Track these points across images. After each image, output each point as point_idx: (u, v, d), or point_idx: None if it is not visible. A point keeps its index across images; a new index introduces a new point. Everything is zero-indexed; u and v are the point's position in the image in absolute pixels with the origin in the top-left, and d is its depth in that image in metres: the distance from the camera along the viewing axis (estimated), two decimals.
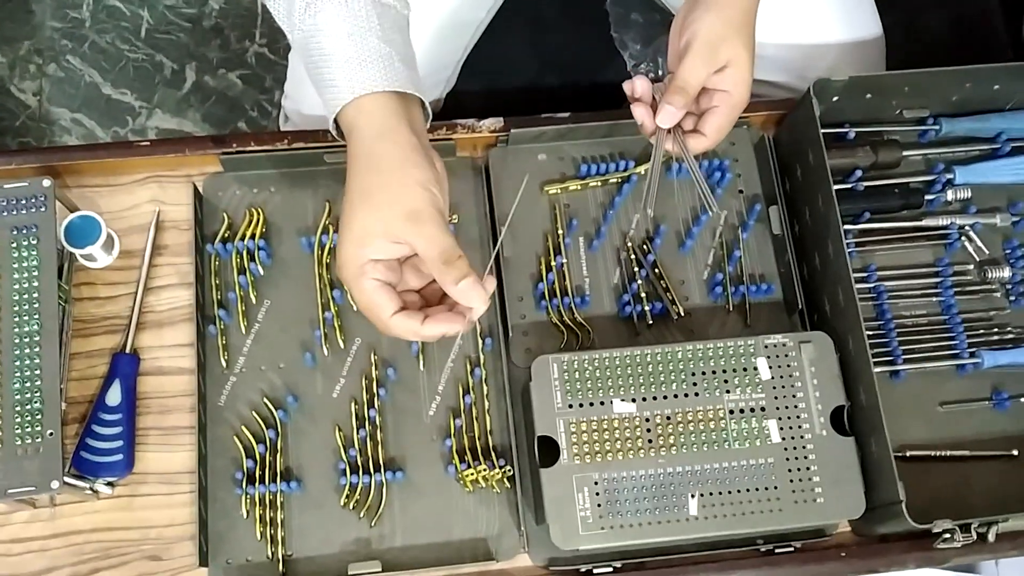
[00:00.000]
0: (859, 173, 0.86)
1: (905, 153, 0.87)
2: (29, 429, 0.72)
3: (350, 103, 0.66)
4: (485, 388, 0.80)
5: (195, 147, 0.84)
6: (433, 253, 0.64)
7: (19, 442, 0.72)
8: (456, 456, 0.78)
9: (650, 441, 0.74)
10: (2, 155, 0.83)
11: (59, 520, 0.77)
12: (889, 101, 0.86)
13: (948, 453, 0.81)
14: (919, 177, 0.88)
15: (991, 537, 0.73)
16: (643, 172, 0.87)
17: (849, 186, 0.86)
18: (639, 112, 0.75)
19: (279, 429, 0.78)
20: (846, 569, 0.77)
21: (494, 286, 0.67)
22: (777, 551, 0.77)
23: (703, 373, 0.76)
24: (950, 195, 0.88)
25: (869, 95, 0.84)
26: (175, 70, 1.51)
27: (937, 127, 0.88)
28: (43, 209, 0.77)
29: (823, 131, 0.79)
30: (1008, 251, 0.87)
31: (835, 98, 0.83)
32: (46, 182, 0.77)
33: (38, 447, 0.72)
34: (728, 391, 0.75)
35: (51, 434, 0.72)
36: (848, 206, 0.85)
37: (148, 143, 0.84)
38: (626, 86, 0.75)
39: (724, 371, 0.76)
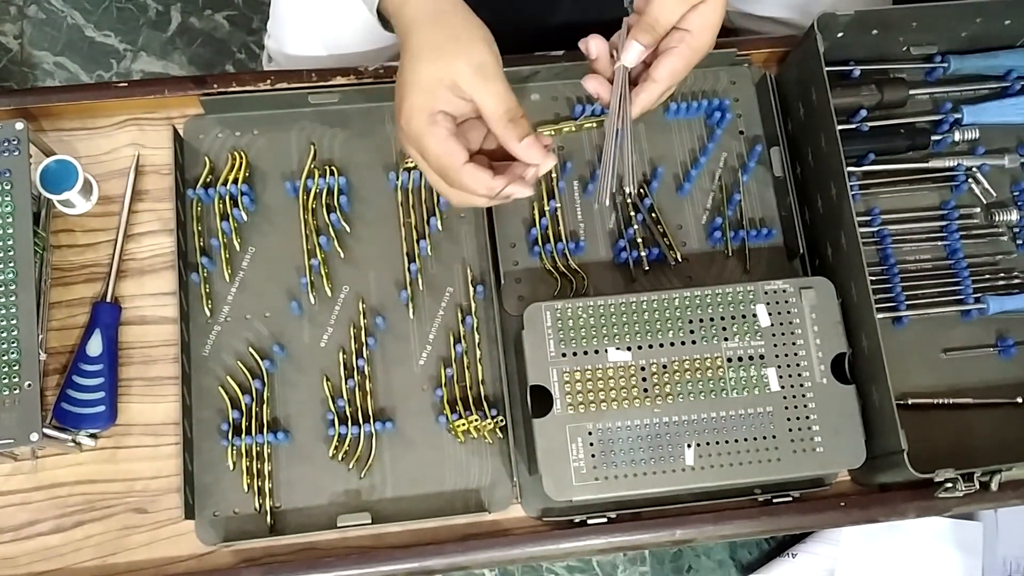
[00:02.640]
0: (864, 113, 0.83)
1: (912, 92, 0.84)
2: (6, 380, 0.70)
3: None
4: (477, 337, 0.78)
5: (175, 88, 0.81)
6: (500, 110, 0.64)
7: None
8: (447, 406, 0.76)
9: (646, 390, 0.72)
10: None
11: (41, 473, 0.75)
12: (896, 37, 0.83)
13: (951, 401, 0.79)
14: (925, 117, 0.85)
15: (994, 486, 0.72)
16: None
17: (853, 126, 0.83)
18: (592, 85, 0.68)
19: (265, 379, 0.76)
20: (846, 519, 0.76)
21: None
22: (775, 501, 0.75)
23: (701, 320, 0.74)
24: (957, 136, 0.85)
25: (875, 31, 0.81)
26: (160, 11, 1.46)
27: (945, 64, 0.85)
28: (16, 153, 0.74)
29: (827, 69, 0.75)
30: (1016, 194, 0.85)
31: (840, 34, 0.79)
32: (19, 125, 0.74)
33: (16, 399, 0.70)
34: (727, 339, 0.73)
35: (29, 385, 0.70)
36: (852, 147, 0.82)
37: (126, 84, 0.81)
38: (582, 45, 0.68)
39: (723, 318, 0.74)
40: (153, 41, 1.46)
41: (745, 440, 0.72)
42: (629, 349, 0.73)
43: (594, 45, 0.67)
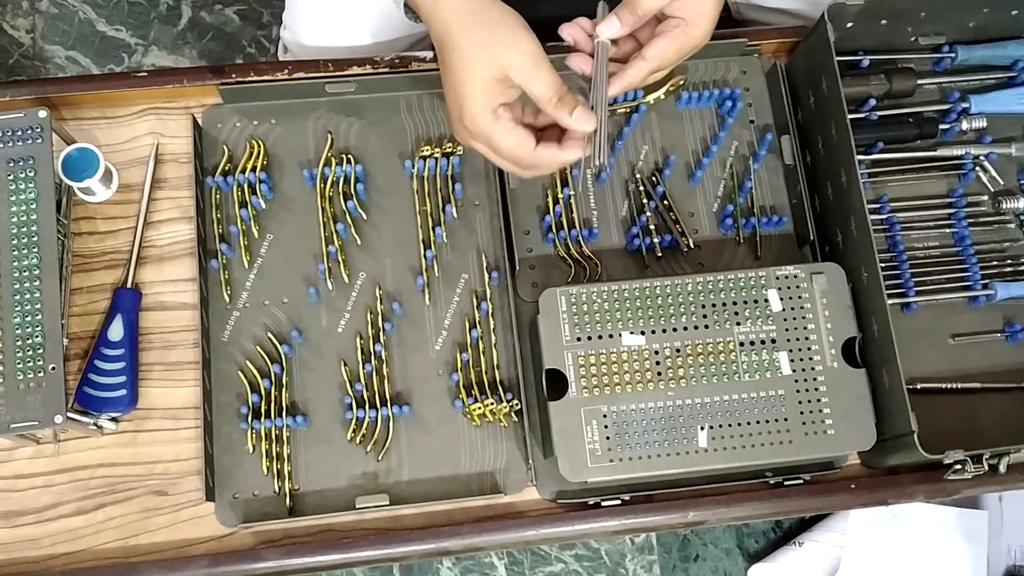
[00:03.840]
0: (872, 102, 0.84)
1: (920, 81, 0.85)
2: (31, 364, 0.71)
3: None
4: (492, 322, 0.79)
5: (193, 78, 0.83)
6: (550, 93, 0.67)
7: (21, 377, 0.71)
8: (463, 390, 0.78)
9: (659, 374, 0.73)
10: None
11: (63, 456, 0.76)
12: (904, 27, 0.84)
13: (959, 386, 0.80)
14: (934, 106, 0.86)
15: (1002, 468, 0.73)
16: (647, 101, 0.85)
17: (862, 115, 0.84)
18: (575, 62, 0.71)
19: (284, 364, 0.78)
20: (855, 501, 0.77)
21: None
22: (786, 484, 0.76)
23: (713, 305, 0.75)
24: (965, 124, 0.86)
25: (884, 21, 0.82)
26: (170, 5, 1.47)
27: (953, 55, 0.86)
28: (39, 140, 0.75)
29: (836, 59, 0.77)
30: (1023, 181, 0.86)
31: (849, 24, 0.80)
32: (42, 113, 0.76)
33: (40, 382, 0.71)
34: (739, 323, 0.74)
35: (53, 368, 0.71)
36: (861, 136, 0.83)
37: (145, 73, 0.83)
38: (563, 32, 0.71)
39: (735, 303, 0.75)
40: (164, 35, 1.47)
41: (757, 423, 0.73)
42: (643, 333, 0.74)
43: (567, 33, 0.71)
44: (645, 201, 0.82)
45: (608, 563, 1.28)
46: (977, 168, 0.85)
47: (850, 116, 0.76)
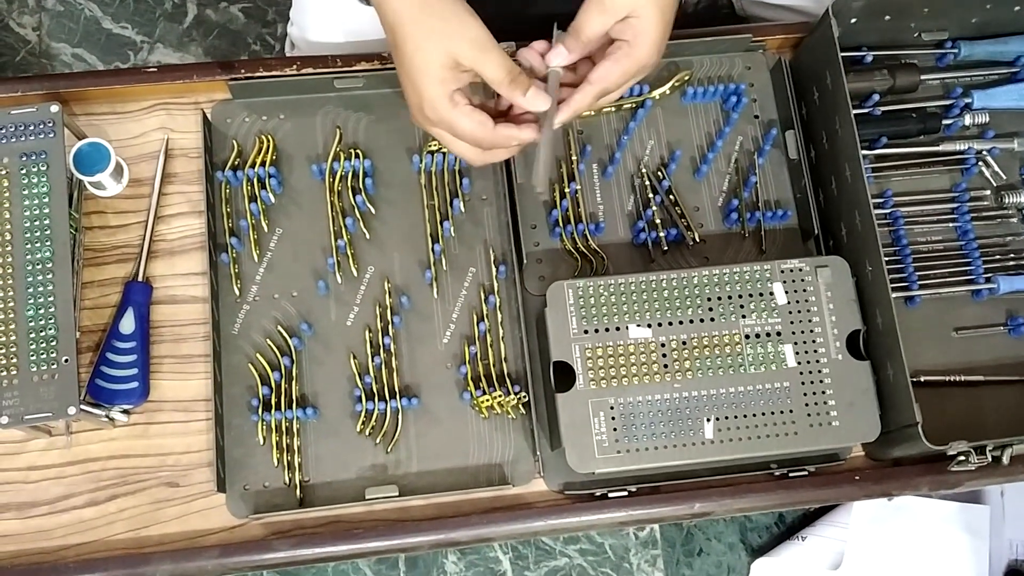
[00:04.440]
0: (876, 97, 0.85)
1: (923, 77, 0.86)
2: (44, 356, 0.72)
3: None
4: (499, 316, 0.80)
5: (203, 73, 0.83)
6: (501, 75, 0.68)
7: (35, 368, 0.71)
8: (471, 383, 0.78)
9: (666, 366, 0.74)
10: (7, 82, 0.82)
11: (75, 448, 0.77)
12: (907, 23, 0.85)
13: (962, 378, 0.81)
14: (937, 101, 0.87)
15: (1005, 459, 0.73)
16: (653, 96, 0.86)
17: (866, 111, 0.85)
18: (526, 56, 0.72)
19: (293, 356, 0.78)
20: (860, 493, 0.77)
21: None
22: (791, 475, 0.77)
23: (719, 298, 0.75)
24: (968, 120, 0.87)
25: (888, 17, 0.82)
26: (176, 3, 1.48)
27: (956, 50, 0.87)
28: (52, 135, 0.76)
29: (840, 55, 0.77)
30: None
31: (853, 20, 0.81)
32: (54, 107, 0.76)
33: (54, 373, 0.71)
34: (744, 316, 0.75)
35: (66, 360, 0.72)
36: (864, 131, 0.84)
37: (155, 69, 0.83)
38: (520, 57, 0.72)
39: (740, 296, 0.75)
40: (169, 33, 1.47)
41: (763, 414, 0.73)
42: (649, 326, 0.75)
43: (523, 58, 0.72)
44: (651, 196, 0.83)
45: (612, 557, 1.29)
46: (980, 163, 0.86)
47: (854, 111, 0.77)
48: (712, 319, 0.75)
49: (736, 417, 0.73)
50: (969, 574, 1.21)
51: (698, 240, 0.82)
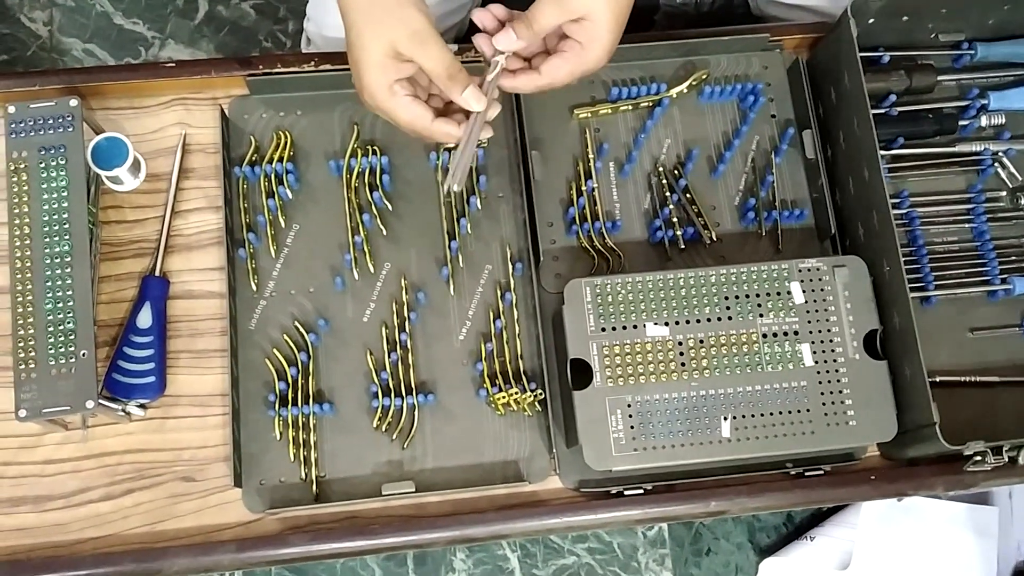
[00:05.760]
0: (893, 98, 0.85)
1: (939, 78, 0.86)
2: (63, 349, 0.72)
3: None
4: (516, 313, 0.80)
5: (221, 68, 0.83)
6: (439, 69, 0.69)
7: (53, 362, 0.72)
8: (487, 380, 0.78)
9: (683, 364, 0.74)
10: (25, 76, 0.82)
11: (92, 442, 0.77)
12: (924, 24, 0.85)
13: (977, 379, 0.81)
14: (953, 102, 0.87)
15: (1022, 460, 0.74)
16: (670, 95, 0.86)
17: (882, 111, 0.85)
18: (479, 42, 0.73)
19: (310, 352, 0.78)
20: (875, 492, 0.77)
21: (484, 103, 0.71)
22: (807, 474, 0.77)
23: (736, 297, 0.75)
24: (984, 121, 0.87)
25: (905, 17, 0.83)
26: None
27: (972, 52, 0.87)
28: (70, 129, 0.76)
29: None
30: None
31: (870, 20, 0.81)
32: (73, 101, 0.76)
33: (72, 367, 0.72)
34: (761, 315, 0.75)
35: (84, 354, 0.72)
36: (881, 131, 0.83)
37: (173, 64, 0.83)
38: (475, 16, 0.72)
39: (757, 295, 0.76)
40: (181, 29, 1.47)
41: (780, 413, 0.73)
42: (667, 324, 0.75)
43: (478, 18, 0.72)
44: (668, 194, 0.83)
45: (621, 556, 1.29)
46: (996, 164, 0.86)
47: (871, 111, 0.77)
48: (729, 318, 0.75)
49: (753, 416, 0.73)
50: (977, 575, 1.21)
51: (715, 239, 0.82)
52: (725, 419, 0.73)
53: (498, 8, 0.72)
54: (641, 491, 0.76)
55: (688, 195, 0.83)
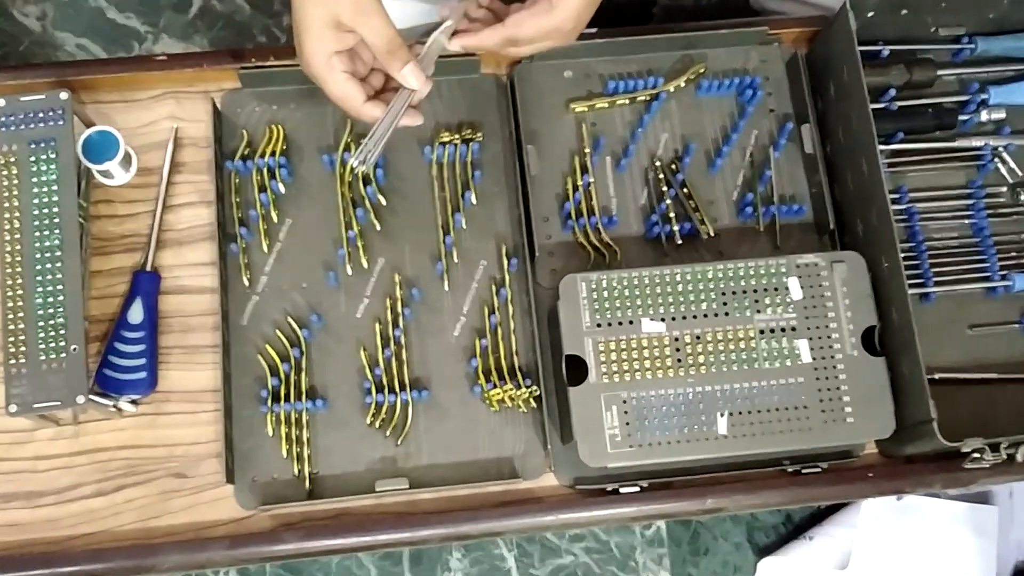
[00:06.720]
0: (892, 92, 0.84)
1: (939, 72, 0.86)
2: (53, 344, 0.71)
3: None
4: (511, 309, 0.80)
5: (213, 61, 0.83)
6: (380, 42, 0.68)
7: (43, 357, 0.71)
8: (482, 376, 0.78)
9: (679, 360, 0.73)
10: (15, 70, 0.81)
11: (83, 438, 0.76)
12: (924, 18, 0.84)
13: (977, 376, 0.80)
14: (953, 97, 0.87)
15: (1020, 457, 0.73)
16: (667, 89, 0.85)
17: (882, 106, 0.84)
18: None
19: (303, 348, 0.78)
20: (873, 490, 0.77)
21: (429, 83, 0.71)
22: (804, 472, 0.76)
23: (734, 293, 0.75)
24: (984, 116, 0.86)
25: (904, 11, 0.82)
26: None
27: (972, 46, 0.86)
28: (61, 122, 0.75)
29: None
30: None
31: (870, 14, 0.81)
32: (63, 95, 0.76)
33: (62, 362, 0.71)
34: (759, 311, 0.74)
35: (75, 349, 0.71)
36: (880, 126, 0.82)
37: (165, 57, 0.83)
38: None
39: (755, 291, 0.75)
40: (174, 23, 1.47)
41: (777, 410, 0.73)
42: (663, 320, 0.74)
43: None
44: (665, 189, 0.82)
45: (618, 555, 1.29)
46: (996, 159, 0.86)
47: (870, 106, 0.76)
48: (726, 313, 0.74)
49: (750, 413, 0.73)
50: (977, 575, 1.20)
51: (712, 234, 0.82)
52: (722, 416, 0.73)
53: None
54: (637, 488, 0.75)
55: (685, 190, 0.83)
